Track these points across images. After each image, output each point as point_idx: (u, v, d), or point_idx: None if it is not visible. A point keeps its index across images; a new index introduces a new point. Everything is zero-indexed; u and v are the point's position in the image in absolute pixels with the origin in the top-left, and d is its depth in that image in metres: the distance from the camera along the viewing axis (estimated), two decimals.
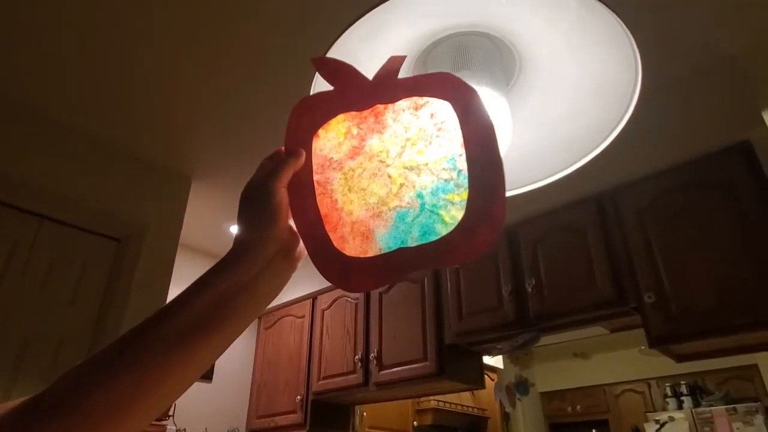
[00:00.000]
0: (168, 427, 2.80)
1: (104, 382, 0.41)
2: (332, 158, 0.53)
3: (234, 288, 0.46)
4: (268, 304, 0.50)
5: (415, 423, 3.84)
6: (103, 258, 2.07)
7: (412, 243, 0.49)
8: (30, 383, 1.73)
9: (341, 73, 0.53)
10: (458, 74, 0.69)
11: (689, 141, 2.09)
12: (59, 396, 0.41)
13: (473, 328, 2.57)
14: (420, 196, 0.50)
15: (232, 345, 0.48)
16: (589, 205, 2.41)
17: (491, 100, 0.67)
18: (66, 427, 0.40)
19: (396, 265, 0.49)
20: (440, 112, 0.51)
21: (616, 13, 0.58)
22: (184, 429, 2.92)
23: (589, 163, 0.71)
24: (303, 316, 3.33)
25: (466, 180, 0.49)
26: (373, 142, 0.53)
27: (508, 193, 0.73)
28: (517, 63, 0.71)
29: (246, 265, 0.47)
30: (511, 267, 2.54)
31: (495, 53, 0.71)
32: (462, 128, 0.50)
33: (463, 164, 0.50)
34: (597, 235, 2.32)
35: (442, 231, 0.49)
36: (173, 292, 2.20)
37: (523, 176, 0.74)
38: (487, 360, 2.91)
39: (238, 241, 0.48)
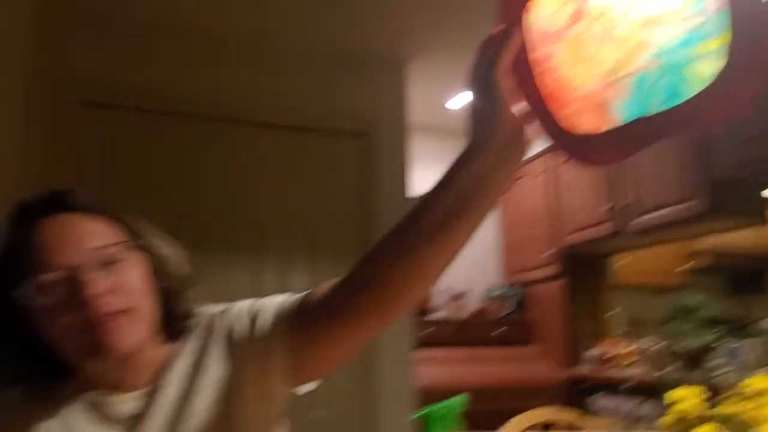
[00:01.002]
0: (438, 288, 3.18)
1: (393, 263, 0.53)
2: (548, 31, 0.48)
3: (472, 181, 0.51)
4: (505, 188, 0.54)
5: (686, 266, 3.53)
6: (348, 154, 2.33)
7: (653, 110, 0.42)
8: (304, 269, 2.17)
9: None
10: None
11: None
12: (363, 274, 0.56)
13: (755, 154, 2.13)
14: (659, 55, 0.42)
15: None
16: None
17: None
18: (370, 298, 0.54)
19: (638, 135, 0.44)
20: None
21: None
22: (451, 287, 3.29)
23: None
24: (542, 173, 3.25)
25: (719, 24, 0.38)
26: (595, 1, 0.45)
27: None
28: None
29: (479, 160, 0.51)
30: None
31: None
32: None
33: (713, 3, 0.38)
34: None
35: (689, 92, 0.40)
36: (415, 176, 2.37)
37: None
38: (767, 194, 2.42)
39: (469, 137, 0.52)
